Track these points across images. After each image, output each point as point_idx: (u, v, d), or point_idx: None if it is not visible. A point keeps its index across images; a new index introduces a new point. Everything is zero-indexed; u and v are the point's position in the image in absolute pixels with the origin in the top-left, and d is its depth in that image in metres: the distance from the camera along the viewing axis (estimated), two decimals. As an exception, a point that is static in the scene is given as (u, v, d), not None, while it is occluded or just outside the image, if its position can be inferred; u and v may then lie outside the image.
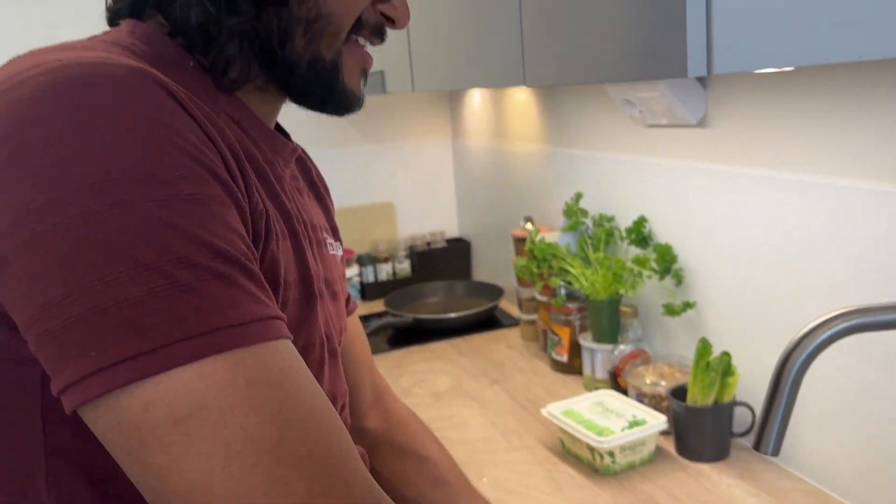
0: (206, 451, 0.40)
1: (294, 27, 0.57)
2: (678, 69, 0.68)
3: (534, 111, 1.83)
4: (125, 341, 0.40)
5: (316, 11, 0.58)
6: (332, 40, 0.59)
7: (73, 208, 0.41)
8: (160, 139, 0.44)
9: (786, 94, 1.05)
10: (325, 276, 0.70)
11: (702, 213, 1.27)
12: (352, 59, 0.62)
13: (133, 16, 0.58)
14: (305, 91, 0.62)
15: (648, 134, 1.39)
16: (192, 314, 0.41)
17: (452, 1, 1.17)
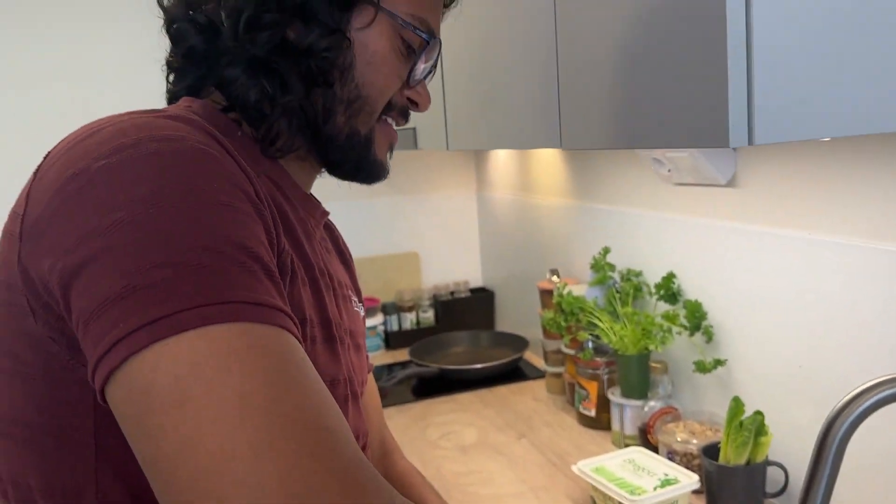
0: (198, 408, 0.41)
1: (337, 106, 0.67)
2: (720, 140, 0.70)
3: (560, 166, 1.86)
4: (147, 311, 0.43)
5: (356, 93, 0.67)
6: (368, 118, 0.69)
7: (123, 214, 0.46)
8: (207, 167, 0.50)
9: (817, 157, 1.07)
10: (350, 328, 0.76)
11: (732, 271, 1.28)
12: (382, 134, 0.72)
13: (191, 94, 0.67)
14: (342, 161, 0.71)
15: (677, 191, 1.41)
16: (210, 288, 0.45)
17: (489, 61, 1.21)
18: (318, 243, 0.73)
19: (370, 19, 0.66)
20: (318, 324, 0.65)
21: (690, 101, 0.74)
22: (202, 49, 0.65)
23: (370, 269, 2.28)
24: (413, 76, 0.71)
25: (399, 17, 0.68)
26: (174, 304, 0.44)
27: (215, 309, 0.44)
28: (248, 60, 0.63)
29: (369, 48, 0.67)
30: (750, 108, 0.68)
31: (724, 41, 0.67)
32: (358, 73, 0.67)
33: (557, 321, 1.59)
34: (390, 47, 0.68)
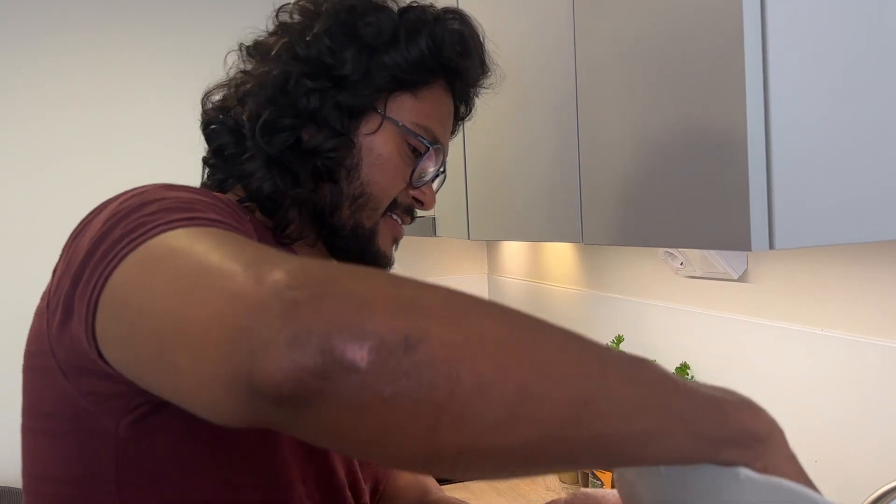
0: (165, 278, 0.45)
1: (343, 200, 0.74)
2: (742, 244, 0.74)
3: (572, 254, 1.91)
4: (115, 247, 0.49)
5: (361, 189, 0.74)
6: (372, 213, 0.76)
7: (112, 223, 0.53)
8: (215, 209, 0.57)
9: (827, 255, 1.11)
10: None
11: (745, 365, 1.29)
12: (386, 229, 0.78)
13: (218, 189, 0.75)
14: (346, 250, 0.77)
15: (689, 283, 1.44)
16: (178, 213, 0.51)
17: (511, 155, 1.26)
18: None
19: (376, 126, 0.74)
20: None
21: (713, 204, 0.78)
22: (230, 148, 0.74)
23: (381, 351, 2.29)
24: (416, 178, 0.77)
25: (403, 125, 0.75)
26: (147, 226, 0.49)
27: (183, 220, 0.50)
28: (265, 158, 0.72)
29: (375, 151, 0.74)
30: (770, 215, 0.72)
31: (745, 151, 0.72)
32: (363, 173, 0.74)
33: (571, 409, 1.59)
34: (396, 151, 0.75)
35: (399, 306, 0.38)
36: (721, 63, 0.74)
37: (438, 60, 0.76)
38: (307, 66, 0.72)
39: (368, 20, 0.73)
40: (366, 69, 0.72)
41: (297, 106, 0.71)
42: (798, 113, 0.72)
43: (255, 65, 0.75)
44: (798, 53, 0.72)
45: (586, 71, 1.00)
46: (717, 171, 0.76)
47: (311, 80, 0.71)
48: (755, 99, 0.71)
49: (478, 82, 0.83)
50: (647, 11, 0.86)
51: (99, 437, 0.56)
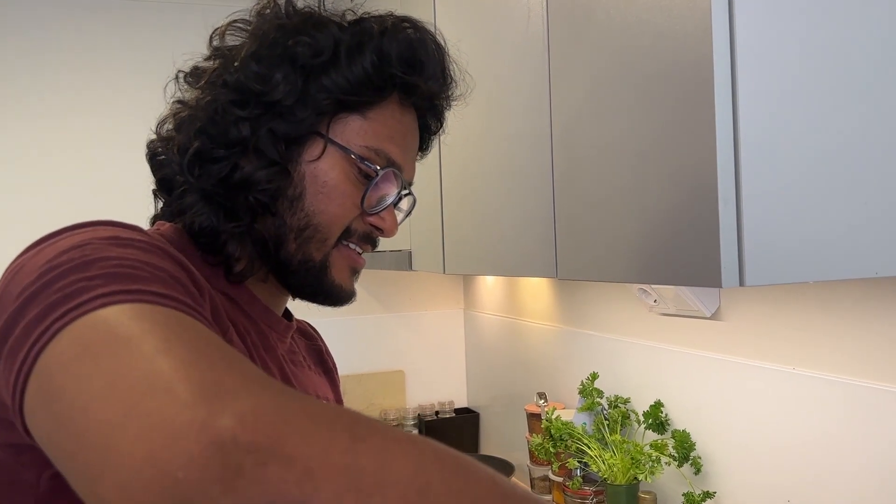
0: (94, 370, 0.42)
1: (287, 233, 0.69)
2: (713, 280, 0.74)
3: (548, 290, 1.91)
4: (52, 312, 0.45)
5: (306, 221, 0.69)
6: (321, 245, 0.70)
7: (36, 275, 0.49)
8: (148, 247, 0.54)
9: (799, 293, 1.12)
10: None
11: (718, 402, 1.30)
12: (341, 259, 0.73)
13: (169, 219, 0.71)
14: (299, 285, 0.73)
15: (662, 321, 1.45)
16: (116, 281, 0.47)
17: (487, 190, 1.27)
18: (281, 356, 0.75)
19: (319, 152, 0.69)
20: None
21: (685, 241, 0.79)
22: (168, 180, 0.71)
23: (355, 387, 2.26)
24: (370, 204, 0.72)
25: (349, 150, 0.69)
26: (77, 298, 0.45)
27: (116, 296, 0.46)
28: (200, 191, 0.67)
29: (319, 179, 0.69)
30: (740, 252, 0.73)
31: (715, 188, 0.73)
32: (308, 203, 0.69)
33: (546, 447, 1.58)
34: (343, 177, 0.70)
35: (350, 484, 0.37)
36: (691, 101, 0.76)
37: (386, 77, 0.70)
38: (236, 93, 0.67)
39: (302, 39, 0.67)
40: (301, 93, 0.67)
41: (228, 136, 0.66)
42: (768, 151, 0.73)
43: (191, 92, 0.70)
44: (768, 90, 0.73)
45: (562, 108, 1.01)
46: (689, 208, 0.77)
47: (240, 108, 0.66)
48: (725, 137, 0.73)
49: (439, 95, 0.76)
50: (621, 51, 0.87)
51: (19, 490, 0.53)
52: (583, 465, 1.53)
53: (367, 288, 2.33)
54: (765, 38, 0.73)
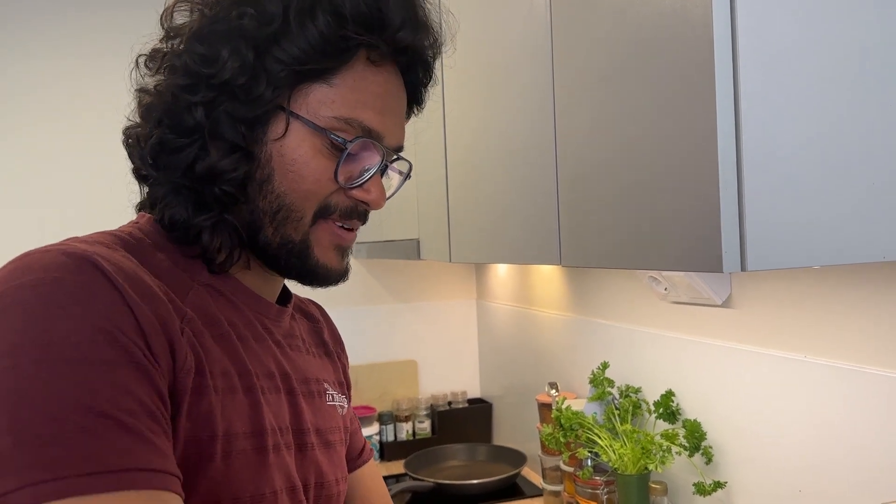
0: None
1: (261, 218, 0.67)
2: (714, 265, 0.72)
3: (559, 279, 1.89)
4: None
5: (278, 203, 0.66)
6: (297, 224, 0.67)
7: None
8: (67, 311, 0.51)
9: (811, 280, 1.10)
10: (319, 426, 0.76)
11: (730, 392, 1.28)
12: (324, 238, 0.69)
13: (150, 209, 0.69)
14: (284, 268, 0.70)
15: (674, 309, 1.43)
16: (52, 461, 0.46)
17: (491, 177, 1.26)
18: (275, 343, 0.73)
19: (283, 129, 0.65)
20: (248, 434, 0.64)
21: (686, 227, 0.77)
22: (140, 169, 0.68)
23: (367, 376, 2.26)
24: (347, 178, 0.68)
25: (313, 124, 0.65)
26: (6, 482, 0.45)
27: (55, 485, 0.45)
28: (167, 183, 0.65)
29: (287, 157, 0.65)
30: (742, 236, 0.71)
31: (716, 173, 0.71)
32: (277, 184, 0.65)
33: (556, 437, 1.57)
34: (312, 152, 0.65)
35: None
36: (692, 79, 0.74)
37: (344, 36, 0.63)
38: (185, 77, 0.63)
39: (246, 10, 0.62)
40: (253, 68, 0.62)
41: (184, 124, 0.63)
42: (770, 132, 0.71)
43: (151, 78, 0.66)
44: (770, 66, 0.71)
45: (564, 96, 1.00)
46: (690, 191, 0.75)
47: (191, 94, 0.62)
48: (725, 117, 0.71)
49: (415, 46, 0.69)
50: (620, 34, 0.86)
51: None
52: (593, 455, 1.51)
53: (380, 278, 2.33)
54: (766, 10, 0.71)
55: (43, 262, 0.54)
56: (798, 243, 0.72)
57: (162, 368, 0.55)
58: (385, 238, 1.81)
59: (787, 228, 0.72)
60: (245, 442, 0.63)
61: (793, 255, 0.72)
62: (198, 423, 0.59)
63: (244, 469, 0.63)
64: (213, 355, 0.62)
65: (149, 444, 0.51)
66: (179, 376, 0.57)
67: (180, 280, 0.64)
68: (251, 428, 0.64)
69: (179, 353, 0.58)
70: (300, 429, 0.73)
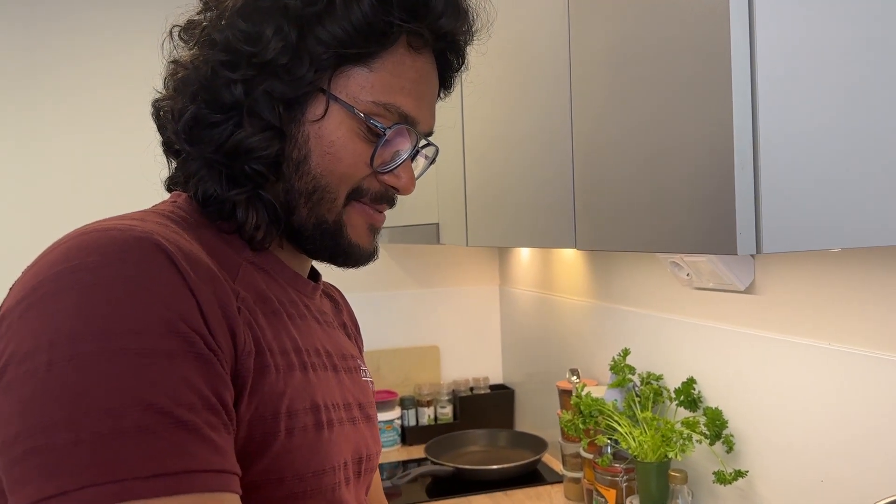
0: None
1: (297, 198, 0.67)
2: (728, 247, 0.70)
3: (581, 266, 1.87)
4: (41, 487, 0.45)
5: (313, 184, 0.66)
6: (331, 205, 0.68)
7: (39, 359, 0.48)
8: (129, 297, 0.50)
9: (835, 265, 1.07)
10: (361, 401, 0.76)
11: (752, 379, 1.25)
12: (357, 218, 0.70)
13: (183, 186, 0.68)
14: (316, 248, 0.70)
15: (696, 295, 1.40)
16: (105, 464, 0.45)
17: (507, 160, 1.24)
18: (312, 321, 0.73)
19: (323, 111, 0.64)
20: (308, 410, 0.64)
21: (701, 208, 0.75)
22: (172, 143, 0.67)
23: (390, 361, 2.27)
24: (380, 163, 0.68)
25: (353, 108, 0.65)
26: (64, 481, 0.45)
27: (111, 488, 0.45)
28: (203, 158, 0.64)
29: (325, 139, 0.65)
30: (757, 218, 0.69)
31: (731, 152, 0.69)
32: (314, 164, 0.65)
33: (576, 423, 1.55)
34: (350, 136, 0.65)
35: None
36: (708, 53, 0.71)
37: (389, 21, 0.63)
38: (226, 53, 0.62)
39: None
40: (296, 48, 0.62)
41: (222, 100, 0.62)
42: (788, 107, 0.69)
43: (185, 51, 0.66)
44: (788, 39, 0.69)
45: (581, 79, 0.98)
46: (705, 172, 0.73)
47: (231, 70, 0.62)
48: (741, 94, 0.68)
49: (454, 33, 0.69)
50: (638, 18, 0.83)
51: None
52: (613, 442, 1.50)
53: (402, 263, 2.33)
54: (786, -13, 0.69)
55: (100, 242, 0.52)
56: (817, 224, 0.70)
57: (224, 353, 0.55)
58: (405, 223, 1.80)
59: (805, 209, 0.69)
60: (306, 418, 0.63)
61: (812, 237, 0.70)
62: (262, 403, 0.58)
63: (306, 446, 0.63)
64: (268, 333, 0.62)
65: (208, 442, 0.50)
66: (241, 358, 0.57)
67: (230, 257, 0.64)
68: (310, 404, 0.65)
69: (239, 336, 0.57)
70: (347, 403, 0.73)
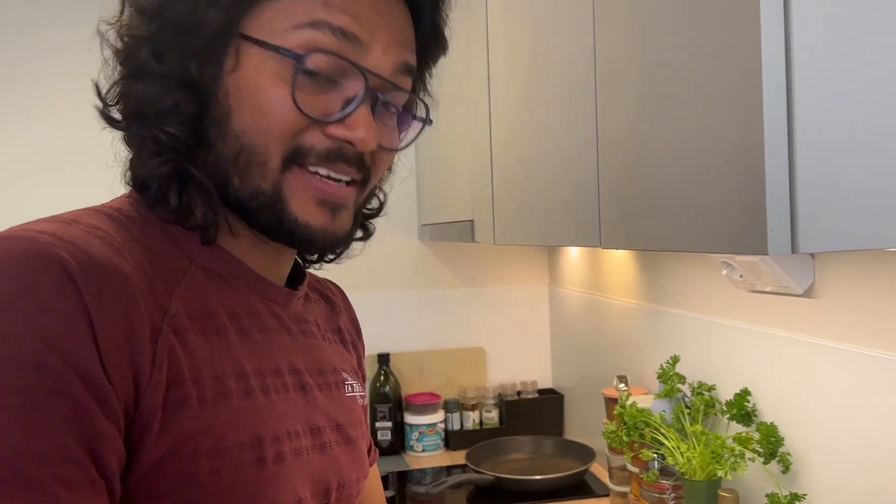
0: None
1: (225, 166, 0.57)
2: (758, 246, 0.60)
3: (631, 266, 1.76)
4: None
5: (237, 145, 0.56)
6: (263, 170, 0.57)
7: None
8: (8, 322, 0.44)
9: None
10: (339, 421, 0.67)
11: (812, 392, 1.12)
12: (299, 189, 0.58)
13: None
14: (265, 227, 0.59)
15: (751, 299, 1.28)
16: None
17: (536, 161, 1.16)
18: (282, 333, 0.65)
19: (236, 55, 0.56)
20: (247, 445, 0.56)
21: (728, 204, 0.65)
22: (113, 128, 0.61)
23: (434, 362, 2.20)
24: (308, 105, 0.56)
25: (266, 42, 0.55)
26: None
27: None
28: (126, 136, 0.59)
29: (244, 89, 0.56)
30: (793, 214, 0.59)
31: (760, 134, 0.59)
32: (236, 122, 0.56)
33: (620, 435, 1.45)
34: (273, 79, 0.55)
35: None
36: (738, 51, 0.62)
37: None
38: (134, 16, 0.57)
39: None
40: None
41: (137, 67, 0.56)
42: (828, 83, 0.58)
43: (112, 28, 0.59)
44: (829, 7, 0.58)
45: (605, 69, 0.88)
46: (731, 159, 0.63)
47: (138, 32, 0.56)
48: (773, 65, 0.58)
49: None
50: (664, 12, 0.74)
51: None
52: (659, 457, 1.39)
53: (447, 262, 2.25)
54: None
55: (12, 257, 0.46)
56: (863, 220, 0.59)
57: (119, 390, 0.48)
58: (442, 220, 1.73)
59: (848, 201, 0.59)
60: (241, 455, 0.55)
61: (857, 235, 0.59)
62: (178, 441, 0.51)
63: (240, 487, 0.54)
64: (200, 358, 0.54)
65: (54, 502, 0.43)
66: (145, 394, 0.50)
67: (175, 263, 0.57)
68: (250, 438, 0.56)
69: (144, 367, 0.50)
70: (316, 427, 0.64)
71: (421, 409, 2.11)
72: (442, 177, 1.85)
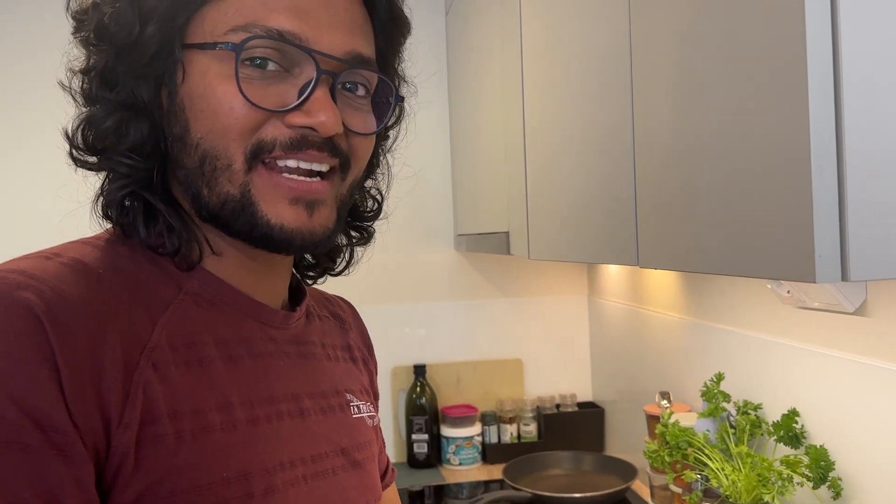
0: None
1: (193, 179, 0.57)
2: (805, 273, 0.56)
3: (674, 279, 1.71)
4: None
5: (200, 153, 0.56)
6: (229, 173, 0.56)
7: None
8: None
9: (967, 288, 0.88)
10: (344, 446, 0.65)
11: (865, 415, 1.06)
12: (268, 188, 0.56)
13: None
14: (240, 234, 0.58)
15: (800, 315, 1.22)
16: None
17: (571, 174, 1.12)
18: (278, 357, 0.63)
19: (184, 66, 0.55)
20: (221, 482, 0.54)
21: (774, 225, 0.61)
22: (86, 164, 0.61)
23: (470, 374, 2.17)
24: (256, 95, 0.55)
25: (205, 44, 0.55)
26: None
27: None
28: (98, 167, 0.59)
29: (195, 97, 0.55)
30: (843, 240, 0.55)
31: (807, 153, 0.55)
32: (194, 132, 0.55)
33: (661, 455, 1.40)
34: (219, 79, 0.55)
35: None
36: (781, 59, 0.58)
37: None
38: (85, 48, 0.57)
39: None
40: (129, 12, 0.54)
41: (89, 97, 0.57)
42: (881, 96, 0.54)
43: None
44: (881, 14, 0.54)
45: (642, 83, 0.85)
46: (777, 179, 0.60)
47: (89, 63, 0.57)
48: (820, 80, 0.54)
49: None
50: (703, 23, 0.70)
51: None
52: (703, 479, 1.33)
53: (484, 272, 2.22)
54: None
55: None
56: (923, 245, 0.55)
57: (86, 434, 0.47)
58: (477, 230, 1.71)
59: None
60: (226, 492, 0.53)
61: (915, 262, 0.55)
62: (156, 480, 0.50)
63: None
64: (180, 392, 0.53)
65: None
66: (117, 433, 0.49)
67: (163, 292, 0.56)
68: (236, 472, 0.54)
69: (114, 406, 0.49)
70: (317, 454, 0.63)
71: (457, 421, 2.08)
72: (478, 185, 1.82)
